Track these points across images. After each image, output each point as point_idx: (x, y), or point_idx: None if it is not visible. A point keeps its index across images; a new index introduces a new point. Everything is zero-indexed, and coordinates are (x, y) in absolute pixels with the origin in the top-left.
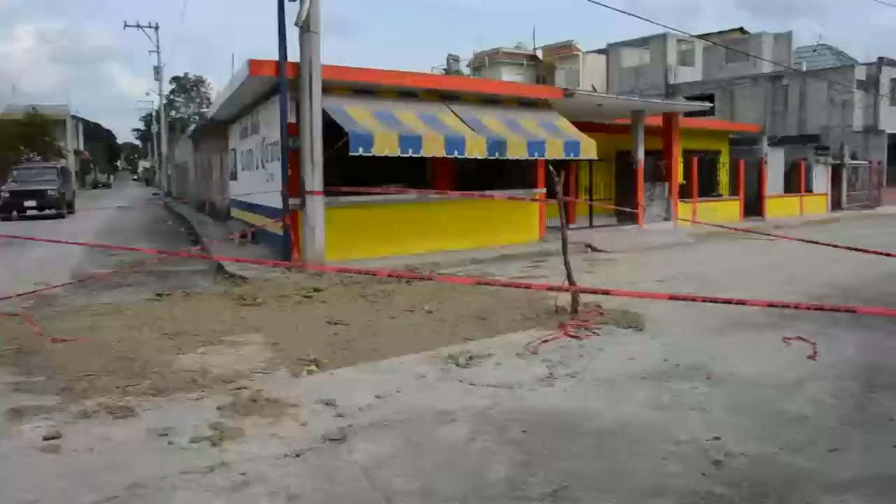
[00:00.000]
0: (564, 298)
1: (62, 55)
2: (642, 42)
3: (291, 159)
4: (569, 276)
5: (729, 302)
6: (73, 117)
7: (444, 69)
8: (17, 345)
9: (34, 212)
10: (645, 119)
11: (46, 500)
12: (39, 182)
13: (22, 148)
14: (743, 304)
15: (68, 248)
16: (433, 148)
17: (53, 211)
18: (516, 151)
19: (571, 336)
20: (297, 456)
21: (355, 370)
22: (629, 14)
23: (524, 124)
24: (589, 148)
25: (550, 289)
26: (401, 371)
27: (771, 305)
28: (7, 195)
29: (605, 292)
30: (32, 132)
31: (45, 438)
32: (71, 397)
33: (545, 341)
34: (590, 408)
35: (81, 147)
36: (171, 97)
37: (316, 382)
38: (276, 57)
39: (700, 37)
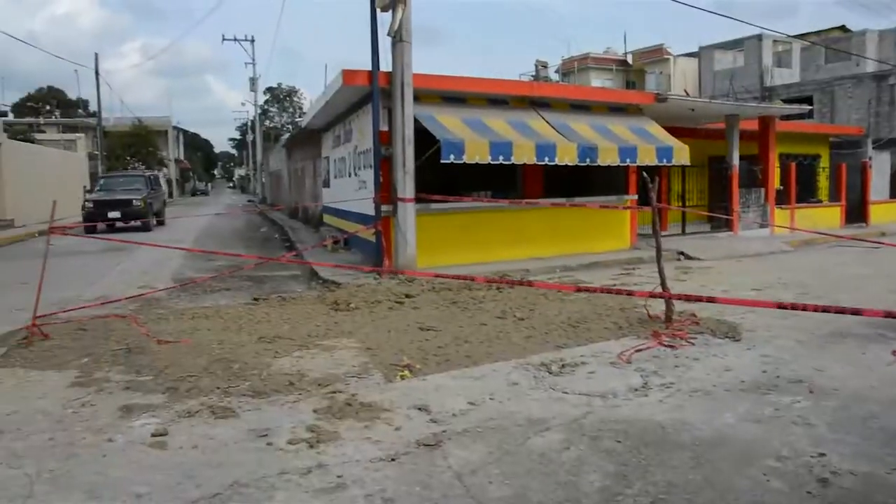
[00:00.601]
0: (657, 307)
1: (164, 69)
2: (736, 44)
3: (383, 167)
4: (663, 284)
5: (842, 312)
6: (175, 128)
7: (532, 76)
8: (126, 345)
9: (120, 223)
10: (739, 123)
11: (156, 493)
12: (125, 191)
13: (128, 158)
14: (858, 313)
15: (170, 252)
16: (524, 155)
17: (139, 222)
18: (607, 157)
19: (665, 345)
20: (392, 460)
21: (448, 376)
22: (722, 15)
23: (615, 130)
24: (682, 153)
25: (652, 296)
26: (493, 378)
27: (889, 316)
28: (91, 205)
29: (710, 300)
30: (138, 143)
31: (154, 435)
32: (176, 397)
33: (639, 350)
34: (686, 419)
35: (182, 156)
36: (266, 107)
37: (409, 387)
38: (367, 66)
39: (797, 37)
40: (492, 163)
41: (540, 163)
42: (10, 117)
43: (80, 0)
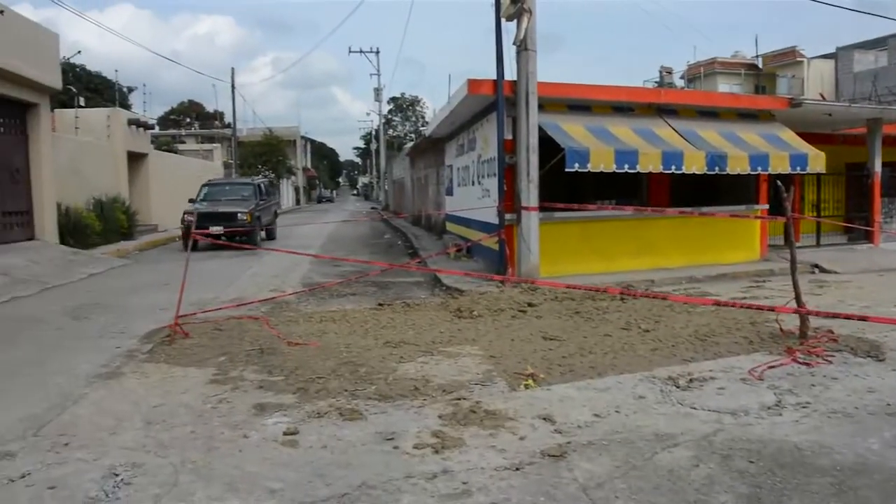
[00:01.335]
0: (790, 322)
1: (294, 81)
2: (877, 43)
3: (507, 175)
4: (797, 298)
5: None
6: (303, 137)
7: (656, 82)
8: (259, 346)
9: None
10: (882, 128)
11: (288, 489)
12: (230, 202)
13: (259, 166)
14: None
15: (298, 258)
16: (650, 163)
17: (245, 238)
18: (737, 165)
19: (800, 363)
20: (517, 469)
21: (572, 387)
22: (863, 13)
23: (745, 137)
24: (817, 161)
25: (798, 312)
26: (618, 390)
27: None
28: (191, 218)
29: (862, 318)
30: (268, 152)
31: (285, 433)
32: (306, 397)
33: (771, 367)
34: (825, 442)
35: (308, 164)
36: (389, 116)
37: (533, 397)
38: (490, 76)
39: None
40: (616, 171)
41: (666, 171)
42: (156, 129)
43: (218, 20)
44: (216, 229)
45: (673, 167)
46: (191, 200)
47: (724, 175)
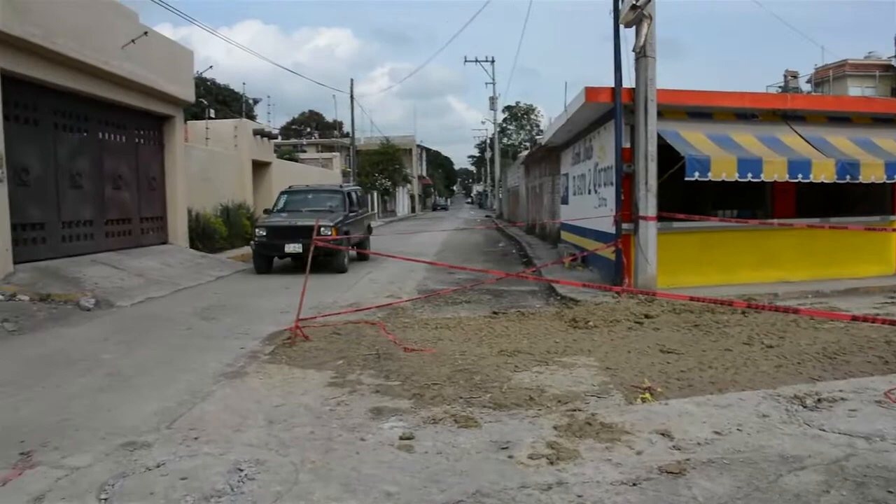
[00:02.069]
0: None
1: (410, 91)
2: None
3: (624, 184)
4: None
5: None
6: (418, 146)
7: (780, 87)
8: (376, 351)
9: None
10: None
11: (404, 494)
12: (312, 213)
13: (376, 174)
14: None
15: (414, 265)
16: (774, 171)
17: (330, 258)
18: (871, 173)
19: None
20: (634, 485)
21: (691, 402)
22: None
23: (881, 143)
24: None
25: None
26: (740, 407)
27: None
28: (263, 234)
29: None
30: (385, 160)
31: (401, 438)
32: (421, 403)
33: None
34: None
35: (424, 173)
36: (504, 125)
37: (650, 411)
38: (604, 83)
39: None
40: (739, 180)
41: (792, 180)
42: (279, 139)
43: (337, 32)
44: (293, 247)
45: (799, 176)
46: (266, 211)
47: (855, 184)
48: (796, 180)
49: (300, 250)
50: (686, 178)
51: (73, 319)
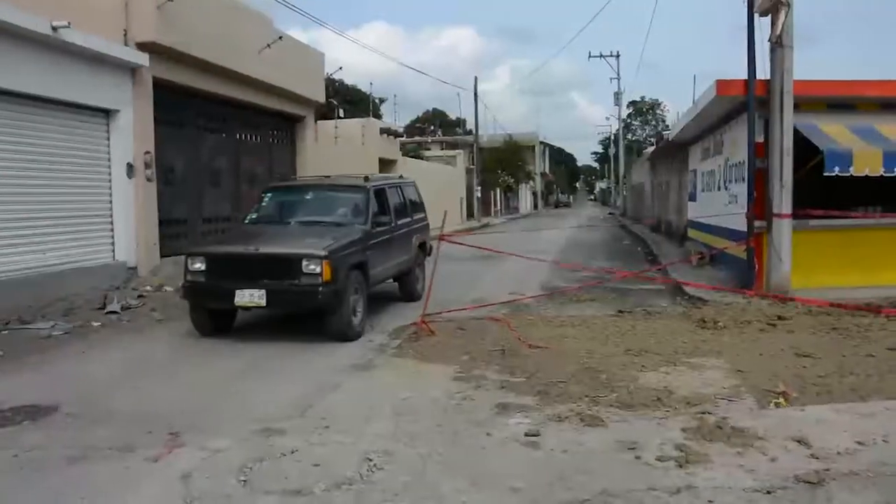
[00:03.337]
0: None
1: (533, 87)
2: None
3: (757, 180)
4: None
5: None
6: (541, 143)
7: None
8: (501, 347)
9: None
10: None
11: (530, 490)
12: (307, 226)
13: (499, 171)
14: None
15: (537, 263)
16: None
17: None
18: None
19: None
20: (768, 493)
21: (830, 409)
22: None
23: None
24: None
25: None
26: (885, 417)
27: None
28: (201, 270)
29: None
30: (508, 157)
31: (527, 435)
32: (546, 400)
33: None
34: None
35: (546, 170)
36: (628, 121)
37: (785, 416)
38: (734, 76)
39: None
40: (885, 175)
41: None
42: (404, 137)
43: (461, 31)
44: (249, 296)
45: None
46: (243, 220)
47: None
48: None
49: (263, 302)
50: (825, 174)
51: None
